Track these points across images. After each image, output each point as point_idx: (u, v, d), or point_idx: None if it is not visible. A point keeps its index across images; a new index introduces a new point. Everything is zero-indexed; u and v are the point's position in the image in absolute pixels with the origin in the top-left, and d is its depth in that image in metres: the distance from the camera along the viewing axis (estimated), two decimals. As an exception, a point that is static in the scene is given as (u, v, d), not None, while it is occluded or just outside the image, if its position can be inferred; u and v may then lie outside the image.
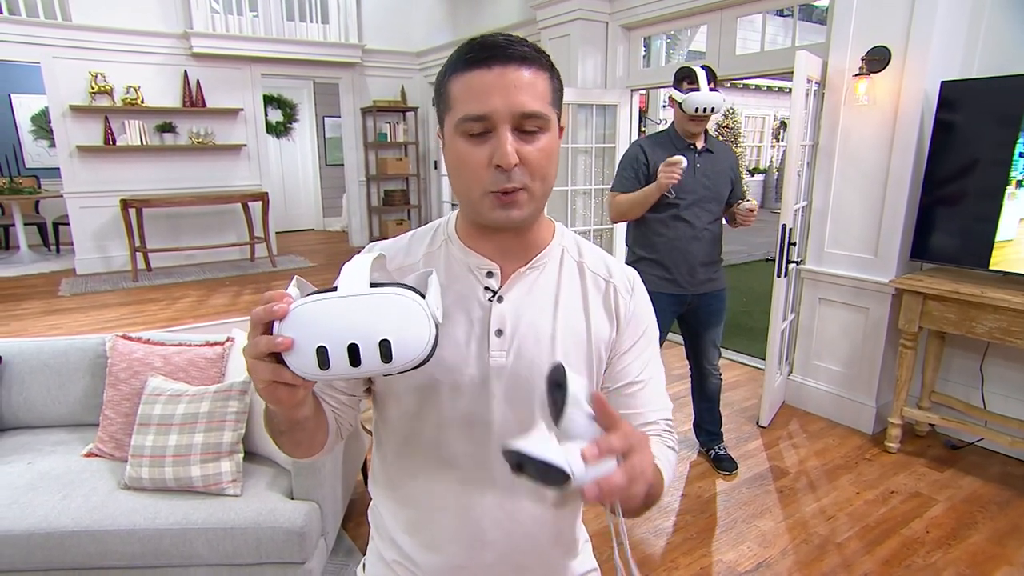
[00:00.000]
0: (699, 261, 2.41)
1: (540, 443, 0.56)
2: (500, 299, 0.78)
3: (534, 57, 0.70)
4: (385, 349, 0.54)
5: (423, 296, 0.57)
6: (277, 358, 0.55)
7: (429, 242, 0.83)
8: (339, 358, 0.54)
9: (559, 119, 0.76)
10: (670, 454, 0.84)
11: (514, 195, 0.71)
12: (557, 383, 0.61)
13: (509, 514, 0.79)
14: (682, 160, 2.19)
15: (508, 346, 0.76)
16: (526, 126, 0.69)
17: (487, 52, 0.68)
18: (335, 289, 0.56)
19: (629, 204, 2.38)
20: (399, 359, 0.55)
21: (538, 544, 0.83)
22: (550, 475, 0.55)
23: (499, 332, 0.76)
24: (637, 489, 0.57)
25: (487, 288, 0.78)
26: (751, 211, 2.39)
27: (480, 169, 0.70)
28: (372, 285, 0.56)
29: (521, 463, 0.56)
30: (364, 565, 0.94)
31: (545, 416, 0.63)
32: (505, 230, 0.76)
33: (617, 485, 0.54)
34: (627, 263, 2.50)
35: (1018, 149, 2.41)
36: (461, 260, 0.80)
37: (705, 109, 2.27)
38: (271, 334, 0.55)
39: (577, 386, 0.60)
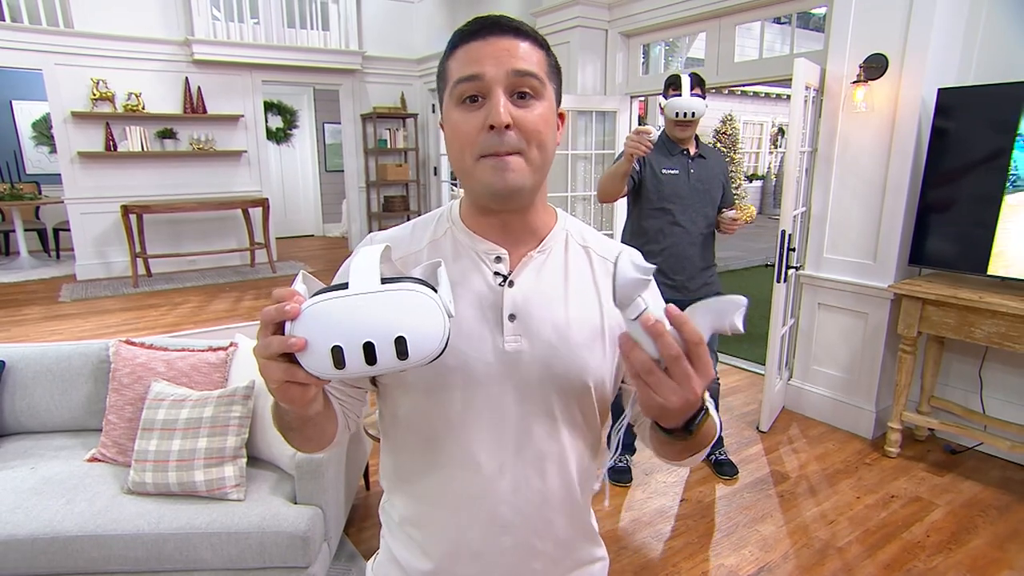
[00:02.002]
0: (698, 266, 2.44)
1: (637, 254, 0.58)
2: (511, 284, 0.77)
3: (529, 31, 0.71)
4: (401, 346, 0.53)
5: (435, 289, 0.57)
6: (290, 357, 0.55)
7: (433, 229, 0.82)
8: (355, 357, 0.53)
9: (557, 99, 0.76)
10: (711, 408, 0.87)
11: (508, 158, 0.69)
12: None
13: (526, 498, 0.79)
14: (651, 130, 2.18)
15: (522, 330, 0.75)
16: (520, 87, 0.69)
17: (480, 25, 0.70)
18: (345, 286, 0.55)
19: (606, 177, 2.35)
20: (415, 355, 0.54)
21: (555, 527, 0.82)
22: (629, 280, 0.56)
23: (512, 317, 0.76)
24: (686, 381, 0.57)
25: (496, 273, 0.77)
26: (734, 220, 2.43)
27: (473, 134, 0.69)
28: (383, 280, 0.55)
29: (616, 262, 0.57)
30: (375, 561, 0.93)
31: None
32: (505, 205, 0.74)
33: (671, 345, 0.56)
34: None
35: (1016, 151, 2.44)
36: (468, 246, 0.79)
37: (685, 114, 2.30)
38: (282, 334, 0.54)
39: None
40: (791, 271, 3.03)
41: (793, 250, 2.93)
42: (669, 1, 3.83)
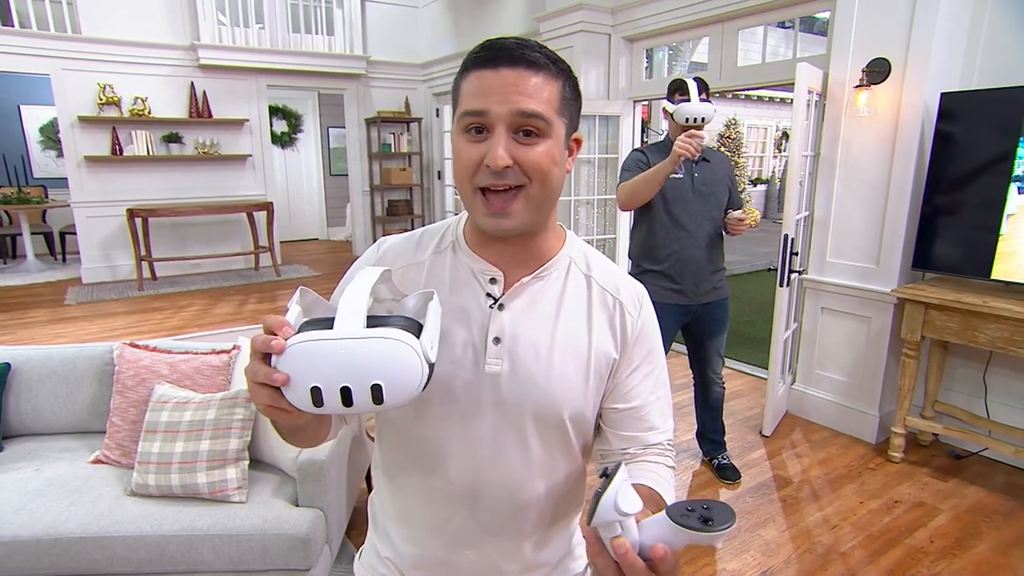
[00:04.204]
0: (706, 270, 2.43)
1: (628, 488, 0.56)
2: (501, 307, 0.77)
3: (543, 63, 0.69)
4: (377, 392, 0.55)
5: (420, 328, 0.58)
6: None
7: (438, 241, 0.83)
8: (332, 398, 0.55)
9: (572, 131, 0.75)
10: (669, 474, 0.83)
11: (505, 204, 0.70)
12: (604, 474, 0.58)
13: (493, 519, 0.80)
14: (703, 134, 2.18)
15: (505, 354, 0.76)
16: (525, 127, 0.68)
17: (495, 53, 0.69)
18: (332, 322, 0.56)
19: (638, 181, 2.28)
20: (390, 401, 0.56)
21: (522, 551, 0.83)
22: (608, 506, 0.55)
23: (497, 340, 0.76)
24: None
25: (489, 295, 0.78)
26: (740, 220, 2.42)
27: (473, 164, 0.69)
28: (369, 318, 0.57)
29: (607, 475, 0.57)
30: (360, 554, 0.96)
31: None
32: (502, 238, 0.75)
33: (636, 567, 0.54)
34: (632, 276, 2.51)
35: (1020, 153, 2.43)
36: (466, 264, 0.80)
37: (695, 119, 2.30)
38: (269, 363, 0.56)
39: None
40: (794, 275, 3.03)
41: (796, 254, 2.93)
42: (672, 6, 3.84)
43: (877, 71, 2.74)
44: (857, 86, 2.78)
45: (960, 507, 2.44)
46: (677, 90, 2.35)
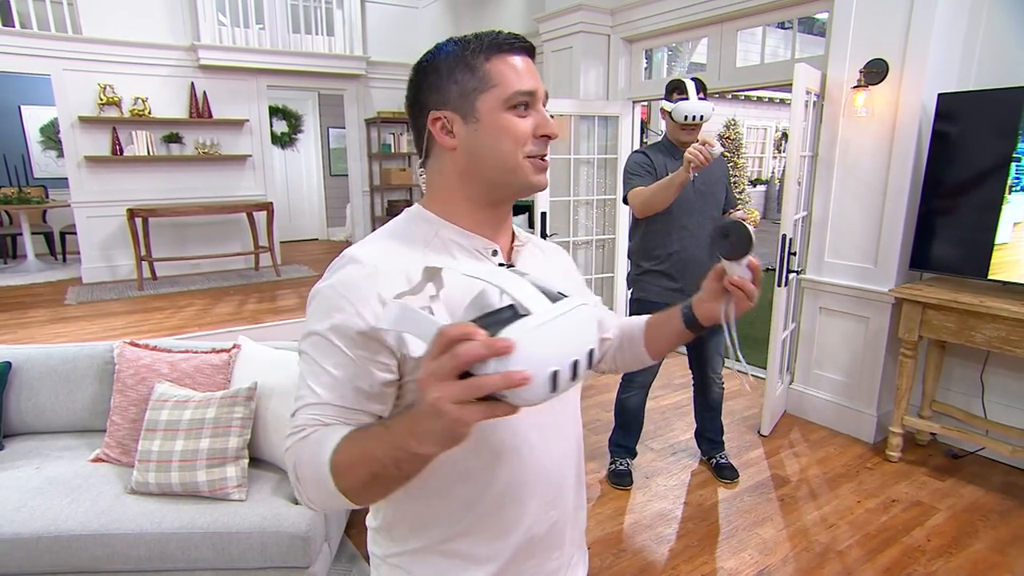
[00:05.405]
0: (707, 269, 2.43)
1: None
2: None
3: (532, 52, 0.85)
4: (590, 358, 0.58)
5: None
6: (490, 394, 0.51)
7: (422, 236, 0.81)
8: (565, 377, 0.54)
9: None
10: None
11: (546, 162, 0.83)
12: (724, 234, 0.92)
13: (560, 467, 0.85)
14: (717, 144, 2.19)
15: None
16: (546, 104, 0.83)
17: (522, 44, 0.80)
18: (510, 310, 0.55)
19: (655, 189, 2.28)
20: (592, 365, 0.59)
21: (582, 488, 0.92)
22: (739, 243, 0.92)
23: None
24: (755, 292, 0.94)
25: (501, 264, 0.83)
26: (743, 220, 2.43)
27: (526, 136, 0.79)
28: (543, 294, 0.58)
29: (727, 232, 0.93)
30: None
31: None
32: (523, 198, 0.86)
33: (758, 269, 0.93)
34: (632, 275, 2.54)
35: (1017, 156, 2.44)
36: (463, 244, 0.81)
37: (694, 117, 2.31)
38: (468, 375, 0.51)
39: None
40: (792, 275, 3.04)
41: (794, 254, 2.94)
42: (671, 7, 3.85)
43: (875, 72, 2.75)
44: (855, 87, 2.79)
45: (957, 506, 2.45)
46: (675, 89, 2.37)
